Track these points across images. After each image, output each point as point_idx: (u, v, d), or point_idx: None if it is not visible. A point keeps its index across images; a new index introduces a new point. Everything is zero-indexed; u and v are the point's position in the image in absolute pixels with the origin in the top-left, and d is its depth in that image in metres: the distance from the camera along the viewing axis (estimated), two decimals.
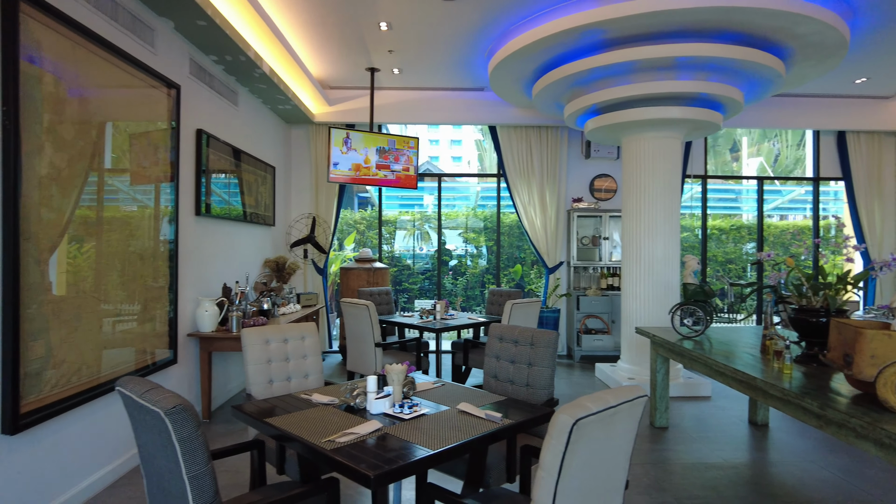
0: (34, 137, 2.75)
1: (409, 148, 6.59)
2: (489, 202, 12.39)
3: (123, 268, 3.54)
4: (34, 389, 2.77)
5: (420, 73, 6.52)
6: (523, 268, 9.19)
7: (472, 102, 7.19)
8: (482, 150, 17.25)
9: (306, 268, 7.31)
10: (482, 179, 12.31)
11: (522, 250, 9.63)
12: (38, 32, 2.77)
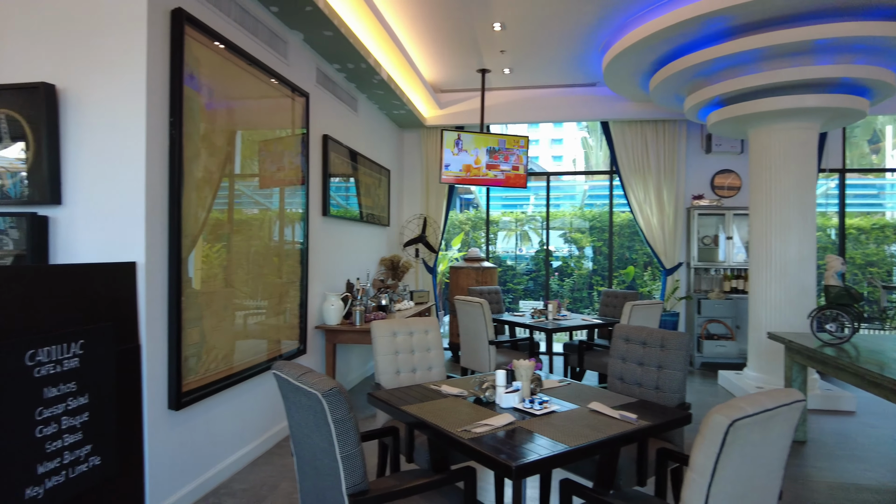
0: (192, 145, 3.05)
1: (519, 147, 6.58)
2: (597, 201, 12.07)
3: (261, 264, 3.83)
4: (191, 372, 3.07)
5: (531, 71, 6.49)
6: (635, 269, 8.86)
7: (583, 98, 7.04)
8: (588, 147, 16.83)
9: (417, 266, 7.51)
10: (589, 178, 12.01)
11: (634, 251, 9.29)
12: (196, 51, 3.08)
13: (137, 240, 2.73)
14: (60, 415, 2.21)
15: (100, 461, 2.41)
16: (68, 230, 2.82)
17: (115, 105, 2.77)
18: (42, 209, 2.81)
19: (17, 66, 2.87)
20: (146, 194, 2.74)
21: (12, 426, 2.02)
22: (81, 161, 2.81)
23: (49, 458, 2.17)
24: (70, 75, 2.82)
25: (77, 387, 2.28)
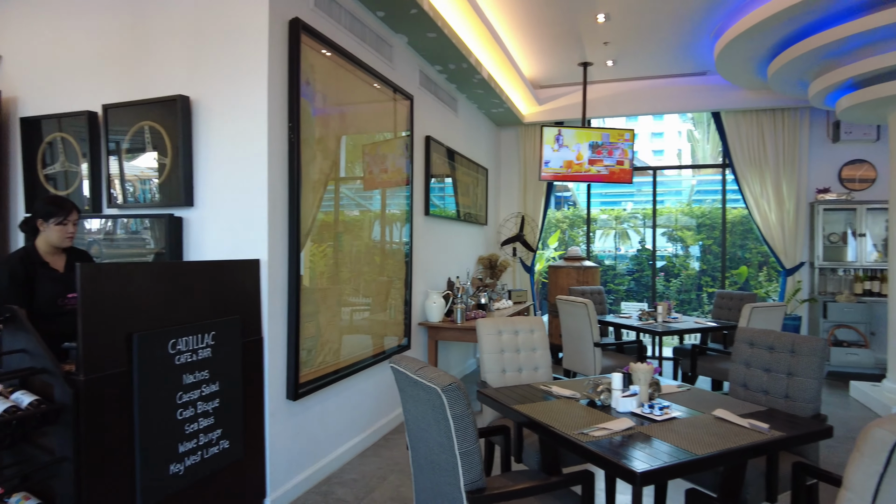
0: (308, 148, 3.20)
1: (624, 141, 6.34)
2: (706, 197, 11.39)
3: (365, 263, 3.95)
4: (306, 364, 3.22)
5: (636, 62, 6.23)
6: (749, 269, 8.25)
7: (692, 88, 6.66)
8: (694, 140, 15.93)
9: (515, 265, 7.45)
10: (697, 172, 11.36)
11: (747, 249, 8.66)
12: (311, 58, 3.22)
13: (260, 238, 2.90)
14: (196, 400, 2.39)
15: (228, 445, 2.59)
16: (199, 230, 3.05)
17: (239, 113, 2.96)
18: (178, 211, 3.07)
19: (159, 81, 3.14)
20: (268, 196, 2.91)
21: (161, 408, 2.21)
22: (211, 166, 3.03)
23: (188, 439, 2.35)
24: (201, 87, 3.05)
25: (209, 374, 2.46)
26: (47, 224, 2.66)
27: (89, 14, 3.40)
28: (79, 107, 3.38)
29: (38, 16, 3.60)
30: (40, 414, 1.86)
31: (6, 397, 1.85)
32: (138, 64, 3.23)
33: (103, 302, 2.01)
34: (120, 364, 2.07)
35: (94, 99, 3.34)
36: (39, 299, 2.60)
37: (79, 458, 1.93)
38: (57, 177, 3.52)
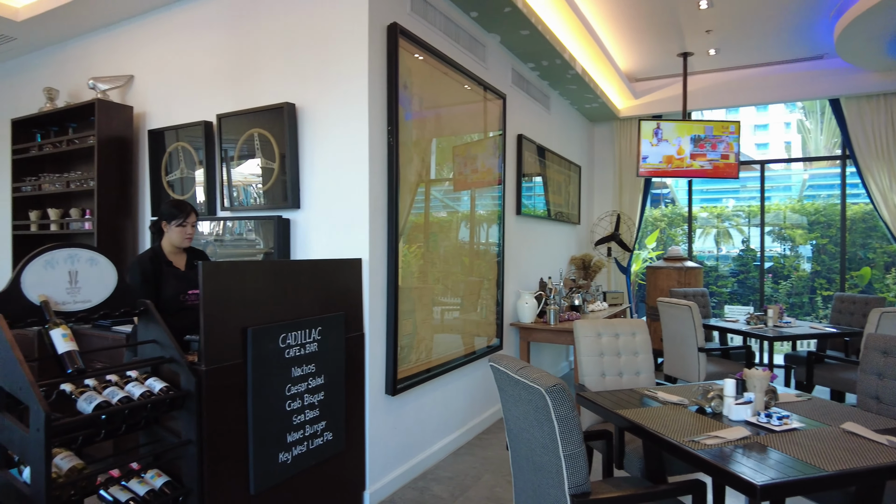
0: (405, 150, 3.27)
1: (729, 133, 5.96)
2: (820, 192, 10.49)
3: (457, 263, 3.98)
4: (404, 361, 3.29)
5: (742, 49, 5.84)
6: (872, 270, 7.50)
7: (806, 74, 6.14)
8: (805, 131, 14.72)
9: (610, 266, 7.22)
10: (809, 166, 10.48)
11: (870, 249, 7.88)
12: (407, 61, 3.29)
13: (362, 238, 3.00)
14: (303, 392, 2.51)
15: (332, 436, 2.69)
16: (305, 230, 3.20)
17: (341, 117, 3.07)
18: (285, 213, 3.24)
19: (267, 90, 3.34)
20: (369, 198, 3.00)
21: (272, 399, 2.34)
22: (315, 169, 3.17)
23: (295, 430, 2.47)
24: (306, 94, 3.20)
25: (315, 368, 2.57)
26: (169, 226, 2.89)
27: (206, 32, 3.67)
28: (196, 118, 3.66)
29: (162, 38, 3.94)
30: (169, 399, 2.02)
31: (141, 383, 2.03)
32: (248, 75, 3.44)
33: (221, 298, 2.16)
34: (236, 356, 2.21)
35: (209, 110, 3.60)
36: (164, 296, 2.84)
37: (201, 441, 2.08)
38: (177, 183, 3.83)
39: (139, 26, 4.08)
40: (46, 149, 4.27)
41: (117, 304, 2.14)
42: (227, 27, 3.56)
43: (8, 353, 1.71)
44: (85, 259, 2.06)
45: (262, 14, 3.39)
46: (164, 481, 2.09)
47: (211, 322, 2.11)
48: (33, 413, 1.64)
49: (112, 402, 1.88)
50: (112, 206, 3.93)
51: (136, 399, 1.94)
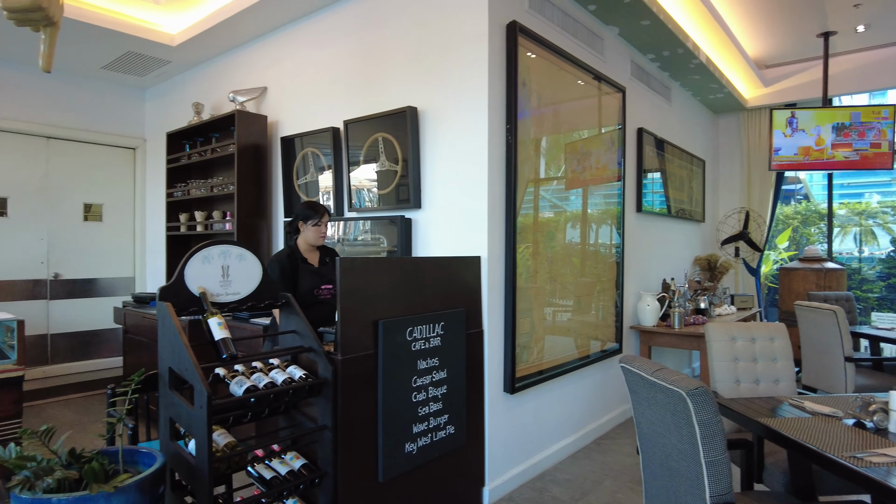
0: (524, 148, 3.25)
1: (881, 119, 5.34)
2: None
3: (577, 263, 3.88)
4: (521, 360, 3.27)
5: None
6: None
7: None
8: None
9: (737, 267, 6.73)
10: None
11: None
12: (526, 58, 3.27)
13: (480, 237, 3.03)
14: (428, 385, 2.57)
15: (454, 430, 2.73)
16: (426, 229, 3.29)
17: (461, 118, 3.12)
18: (408, 212, 3.34)
19: (391, 95, 3.47)
20: (488, 196, 3.02)
21: (399, 390, 2.42)
22: (436, 170, 3.25)
23: (420, 421, 2.54)
24: (427, 97, 3.29)
25: (439, 362, 2.62)
26: (305, 225, 3.09)
27: (332, 43, 3.89)
28: (324, 124, 3.89)
29: (293, 50, 4.23)
30: (308, 386, 2.16)
31: (283, 370, 2.18)
32: (373, 81, 3.60)
33: (356, 292, 2.27)
34: (368, 347, 2.32)
35: (336, 116, 3.81)
36: (300, 290, 3.04)
37: (336, 427, 2.20)
38: (306, 186, 4.09)
39: (272, 41, 4.41)
40: (194, 157, 4.74)
41: (262, 296, 2.33)
42: (352, 36, 3.75)
43: (176, 338, 1.92)
44: (235, 255, 2.25)
45: (386, 21, 3.54)
46: (302, 463, 2.23)
47: (347, 314, 2.23)
48: (197, 392, 1.82)
49: (259, 386, 2.04)
50: (249, 208, 4.28)
51: (279, 385, 2.09)
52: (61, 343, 5.55)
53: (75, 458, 1.78)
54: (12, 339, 3.20)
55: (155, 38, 4.64)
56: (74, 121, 5.58)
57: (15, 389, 3.11)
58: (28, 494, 1.59)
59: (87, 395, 5.49)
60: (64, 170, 5.58)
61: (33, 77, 5.29)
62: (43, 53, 1.43)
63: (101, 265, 5.82)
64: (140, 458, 1.99)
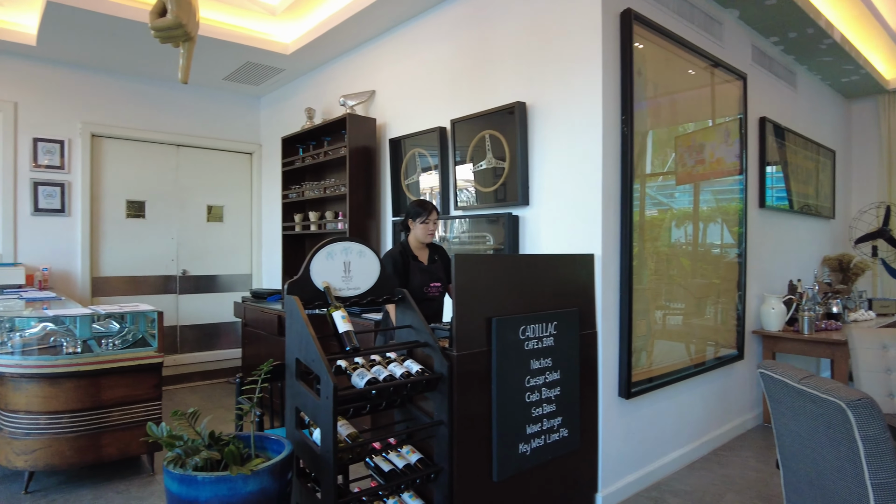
0: (639, 141, 3.10)
1: None
2: None
3: (693, 263, 3.65)
4: (636, 364, 3.12)
5: None
6: None
7: None
8: None
9: (875, 268, 6.06)
10: None
11: None
12: (640, 47, 3.12)
13: (594, 233, 2.92)
14: (541, 385, 2.51)
15: (567, 433, 2.65)
16: (535, 226, 3.23)
17: (573, 111, 3.03)
18: (515, 210, 3.30)
19: (499, 92, 3.44)
20: (602, 191, 2.91)
21: (512, 389, 2.39)
22: (545, 166, 3.18)
23: (533, 422, 2.49)
24: (536, 91, 3.22)
25: (552, 362, 2.56)
26: (414, 223, 3.14)
27: (439, 43, 3.93)
28: (431, 125, 3.93)
29: (400, 53, 4.32)
30: (425, 381, 2.17)
31: (400, 364, 2.22)
32: (480, 79, 3.59)
33: (471, 288, 2.26)
34: (482, 344, 2.30)
35: (443, 116, 3.84)
36: (410, 287, 3.08)
37: (452, 423, 2.20)
38: (413, 186, 4.16)
39: (379, 45, 4.53)
40: (307, 160, 4.97)
41: (380, 291, 2.38)
42: (458, 35, 3.77)
43: (304, 330, 2.00)
44: (356, 251, 2.32)
45: (492, 18, 3.52)
46: (418, 458, 2.25)
47: (461, 310, 2.22)
48: (323, 383, 1.89)
49: (379, 379, 2.08)
50: (360, 208, 4.42)
51: (398, 378, 2.12)
52: (189, 334, 6.04)
53: (215, 441, 1.90)
54: (153, 329, 3.50)
55: (271, 48, 4.91)
56: (199, 129, 6.04)
57: (155, 374, 3.40)
58: (179, 470, 1.72)
59: (211, 383, 5.93)
60: (190, 175, 6.06)
61: (164, 91, 5.79)
62: (182, 66, 1.54)
63: (222, 263, 6.27)
64: (269, 444, 2.10)
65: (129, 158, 5.69)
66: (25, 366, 3.09)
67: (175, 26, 1.44)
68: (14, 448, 3.14)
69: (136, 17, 4.21)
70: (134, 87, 5.62)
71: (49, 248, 5.20)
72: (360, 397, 2.06)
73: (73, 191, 5.33)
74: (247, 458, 1.91)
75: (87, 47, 4.84)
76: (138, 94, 5.65)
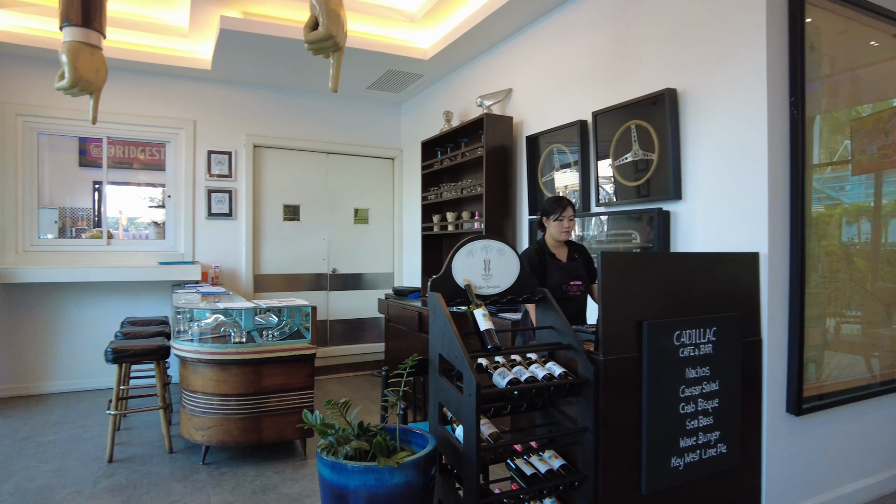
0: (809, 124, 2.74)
1: None
2: None
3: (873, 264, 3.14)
4: (810, 377, 2.75)
5: None
6: None
7: None
8: None
9: None
10: None
11: None
12: (814, 15, 2.75)
13: (759, 230, 2.63)
14: (697, 396, 2.30)
15: (725, 449, 2.40)
16: (688, 222, 2.98)
17: (732, 94, 2.75)
18: (665, 204, 3.07)
19: (645, 79, 3.24)
20: (768, 183, 2.61)
21: (665, 398, 2.21)
22: (700, 156, 2.93)
23: (688, 435, 2.28)
24: (688, 76, 2.98)
25: (710, 372, 2.33)
26: (549, 220, 3.05)
27: (578, 34, 3.79)
28: (571, 118, 3.80)
29: (537, 48, 4.24)
30: (568, 385, 2.08)
31: (542, 365, 2.14)
32: (624, 67, 3.40)
33: (619, 288, 2.13)
34: (630, 349, 2.15)
35: (583, 109, 3.69)
36: (548, 286, 3.00)
37: (597, 430, 2.09)
38: (550, 183, 4.05)
39: (515, 43, 4.48)
40: (445, 162, 5.07)
41: (520, 290, 2.33)
42: (600, 24, 3.60)
43: (447, 327, 2.00)
44: (495, 249, 2.29)
45: (637, 2, 3.31)
46: (561, 464, 2.17)
47: (609, 311, 2.10)
48: (466, 380, 1.87)
49: (521, 379, 2.03)
50: (496, 208, 4.41)
51: (540, 380, 2.05)
52: (337, 328, 6.45)
53: (363, 431, 1.97)
54: (307, 322, 3.76)
55: (410, 54, 5.08)
56: (346, 137, 6.44)
57: (309, 364, 3.65)
58: (331, 458, 1.80)
59: (356, 375, 6.28)
60: (339, 180, 6.48)
61: (315, 103, 6.25)
62: (332, 75, 1.63)
63: (367, 262, 6.63)
64: (413, 438, 2.14)
65: (285, 166, 6.21)
66: (202, 352, 3.47)
67: (326, 38, 1.54)
68: (194, 424, 3.54)
69: (293, 35, 4.57)
70: (289, 100, 6.13)
71: (219, 249, 5.84)
72: (501, 397, 2.03)
73: (238, 197, 5.93)
74: (392, 451, 1.96)
75: (252, 67, 5.36)
76: (292, 106, 6.15)
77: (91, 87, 1.72)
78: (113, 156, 5.78)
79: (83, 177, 6.13)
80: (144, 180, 6.05)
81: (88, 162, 6.05)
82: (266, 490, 3.19)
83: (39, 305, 5.17)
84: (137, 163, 6.14)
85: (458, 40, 4.64)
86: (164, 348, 3.74)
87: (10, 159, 5.10)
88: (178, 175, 5.76)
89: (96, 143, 5.69)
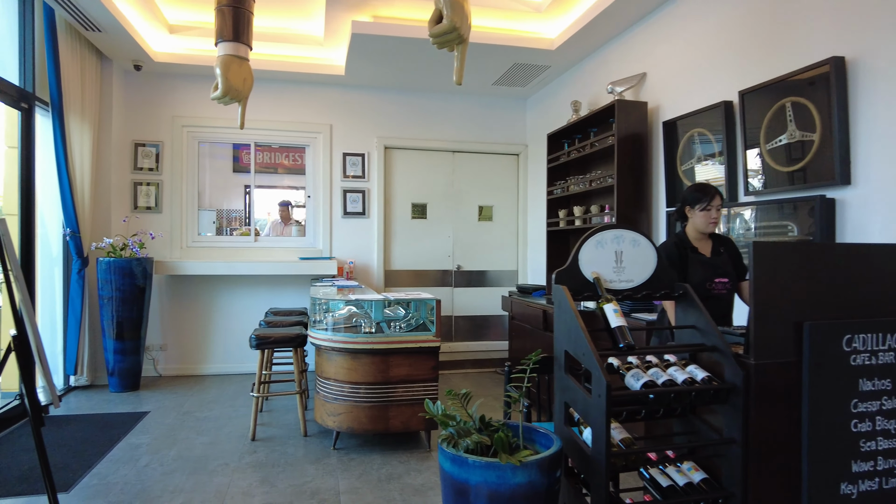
0: None
1: None
2: None
3: None
4: None
5: None
6: None
7: None
8: None
9: None
10: None
11: None
12: None
13: None
14: (874, 413, 1.96)
15: None
16: (858, 211, 2.57)
17: None
18: (829, 191, 2.68)
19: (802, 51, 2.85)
20: None
21: (831, 412, 1.91)
22: (874, 135, 2.51)
23: (863, 459, 1.95)
24: (858, 42, 2.57)
25: (891, 385, 1.98)
26: (693, 210, 2.78)
27: (720, 7, 3.44)
28: (713, 100, 3.47)
29: (673, 28, 3.92)
30: (712, 391, 1.87)
31: (682, 368, 1.95)
32: (775, 39, 3.03)
33: (775, 285, 1.87)
34: (787, 354, 1.89)
35: (728, 89, 3.35)
36: (689, 282, 2.73)
37: (746, 443, 1.85)
38: (689, 172, 3.72)
39: (649, 25, 4.19)
40: (572, 154, 4.88)
41: (656, 285, 2.14)
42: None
43: (573, 322, 1.89)
44: (629, 240, 2.12)
45: None
46: (702, 477, 1.95)
47: (762, 310, 1.85)
48: (595, 380, 1.74)
49: (657, 382, 1.86)
50: (629, 200, 4.15)
51: (680, 384, 1.86)
52: (461, 324, 6.50)
53: (485, 425, 1.92)
54: (432, 316, 3.80)
55: (537, 45, 4.95)
56: (471, 135, 6.46)
57: (433, 357, 3.69)
58: (452, 450, 1.77)
59: (479, 371, 6.28)
60: (464, 178, 6.52)
61: (440, 102, 6.35)
62: (456, 69, 1.63)
63: (491, 259, 6.61)
64: (537, 437, 2.05)
65: (413, 166, 6.38)
66: (335, 340, 3.63)
67: (450, 30, 1.53)
68: (327, 410, 3.72)
69: (419, 34, 4.66)
70: (416, 101, 6.28)
71: (353, 245, 6.14)
72: (634, 400, 1.87)
73: (370, 196, 6.19)
74: (514, 448, 1.88)
75: (381, 70, 5.55)
76: (419, 107, 6.29)
77: (239, 96, 1.89)
78: (260, 161, 6.32)
79: (236, 182, 6.78)
80: (287, 184, 6.54)
81: (240, 168, 6.68)
82: (391, 479, 3.26)
83: (199, 295, 5.77)
84: (281, 167, 6.67)
85: (586, 27, 4.44)
86: (302, 336, 3.97)
87: (179, 167, 5.75)
88: (317, 176, 6.14)
89: (246, 149, 6.24)
